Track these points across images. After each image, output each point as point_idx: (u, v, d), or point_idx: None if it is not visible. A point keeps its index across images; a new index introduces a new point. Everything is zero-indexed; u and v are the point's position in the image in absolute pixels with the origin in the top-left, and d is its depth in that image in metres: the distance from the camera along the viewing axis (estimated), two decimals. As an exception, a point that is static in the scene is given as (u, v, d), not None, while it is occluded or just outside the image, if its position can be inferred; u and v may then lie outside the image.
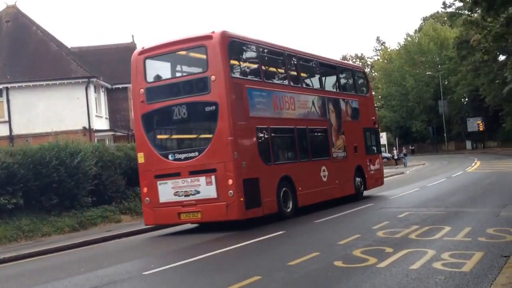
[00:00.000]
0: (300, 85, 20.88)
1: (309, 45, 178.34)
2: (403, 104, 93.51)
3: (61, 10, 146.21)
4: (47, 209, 21.14)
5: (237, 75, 17.66)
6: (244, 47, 18.94)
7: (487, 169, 38.54)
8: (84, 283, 10.87)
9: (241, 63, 18.89)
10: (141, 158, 17.54)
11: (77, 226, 21.29)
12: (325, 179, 20.90)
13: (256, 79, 18.53)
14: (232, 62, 17.37)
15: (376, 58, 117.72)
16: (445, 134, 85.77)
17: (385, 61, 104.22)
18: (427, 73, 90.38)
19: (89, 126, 35.35)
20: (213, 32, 16.76)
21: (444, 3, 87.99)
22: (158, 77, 18.15)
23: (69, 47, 42.18)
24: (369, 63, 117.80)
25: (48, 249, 16.79)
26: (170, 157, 17.11)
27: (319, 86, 22.77)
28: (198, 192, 16.39)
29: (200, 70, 17.79)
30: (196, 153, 16.69)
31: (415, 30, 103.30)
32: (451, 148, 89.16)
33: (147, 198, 17.28)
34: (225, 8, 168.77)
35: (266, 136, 17.90)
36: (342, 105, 23.21)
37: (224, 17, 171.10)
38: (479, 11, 30.04)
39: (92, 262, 13.60)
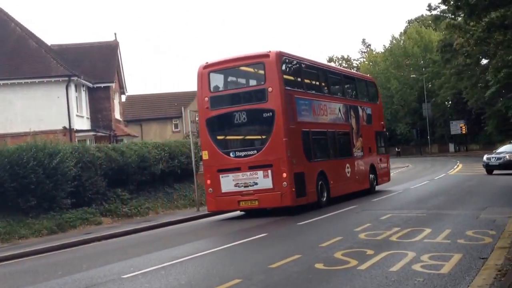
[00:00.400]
0: (330, 95, 25.22)
1: (296, 46, 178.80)
2: (388, 107, 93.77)
3: (41, 6, 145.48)
4: (24, 211, 20.94)
5: (288, 86, 20.74)
6: (292, 64, 22.63)
7: (469, 171, 38.98)
8: (61, 287, 10.86)
9: (290, 76, 22.33)
10: (205, 155, 20.98)
11: (56, 229, 21.07)
12: (348, 175, 24.79)
13: (300, 89, 22.20)
14: (284, 76, 20.84)
15: (361, 60, 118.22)
16: (428, 137, 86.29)
17: (371, 63, 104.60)
18: (412, 76, 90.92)
19: (70, 126, 35.02)
20: (270, 51, 20.43)
21: (429, 5, 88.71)
22: (220, 88, 21.76)
23: (49, 44, 41.84)
24: (355, 65, 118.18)
25: (25, 252, 16.70)
26: (231, 154, 20.55)
27: (343, 95, 26.76)
28: (256, 184, 19.90)
29: (257, 82, 21.62)
30: (255, 151, 20.26)
31: (401, 33, 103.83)
32: (434, 150, 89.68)
33: (210, 189, 20.66)
34: (210, 6, 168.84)
35: (308, 137, 21.68)
36: (360, 112, 27.23)
37: (210, 15, 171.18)
38: (462, 15, 30.32)
39: (70, 266, 13.55)
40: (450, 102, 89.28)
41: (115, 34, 43.66)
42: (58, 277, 11.86)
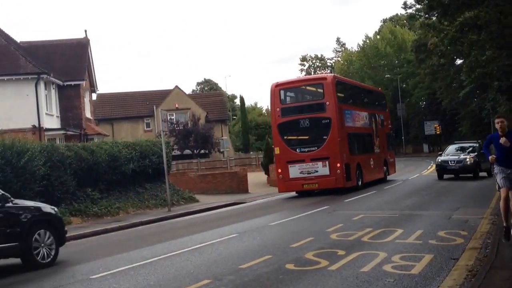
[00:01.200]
0: (361, 106, 32.99)
1: (269, 44, 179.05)
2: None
3: (9, 2, 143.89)
4: (-9, 211, 20.69)
5: (339, 101, 27.90)
6: (341, 84, 30.52)
7: (443, 172, 39.28)
8: None
9: (340, 93, 28.88)
10: (277, 150, 28.21)
11: (24, 229, 20.82)
12: (372, 166, 31.96)
13: (346, 103, 29.71)
14: (337, 93, 27.92)
15: (336, 59, 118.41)
16: (403, 137, 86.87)
17: (346, 62, 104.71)
18: (386, 76, 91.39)
19: (39, 124, 34.77)
20: (327, 75, 31.02)
21: (405, 3, 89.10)
22: (288, 101, 29.30)
23: (18, 41, 41.48)
24: (329, 64, 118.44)
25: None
26: (297, 150, 27.85)
27: (368, 106, 34.29)
28: (316, 171, 27.08)
29: (317, 97, 28.41)
30: (315, 148, 27.44)
31: (375, 32, 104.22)
32: (408, 151, 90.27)
33: (280, 176, 27.93)
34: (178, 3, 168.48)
35: (350, 138, 28.81)
36: (377, 118, 34.87)
37: (176, 13, 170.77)
38: (436, 14, 30.59)
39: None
40: (424, 103, 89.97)
41: (85, 31, 43.32)
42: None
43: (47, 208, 14.03)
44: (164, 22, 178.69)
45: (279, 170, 27.95)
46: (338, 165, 26.78)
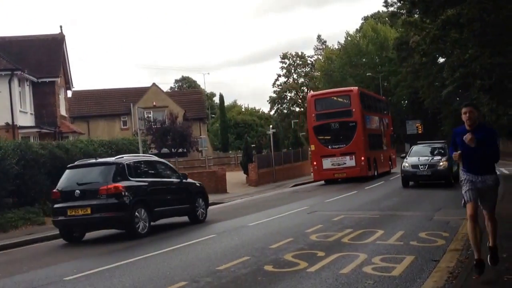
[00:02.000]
0: (375, 111, 41.06)
1: (249, 43, 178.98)
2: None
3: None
4: (-37, 210, 20.51)
5: (362, 108, 35.90)
6: (363, 95, 38.24)
7: (424, 172, 39.58)
8: (-2, 290, 10.68)
9: (362, 102, 36.58)
10: (313, 147, 37.08)
11: (-3, 229, 20.63)
12: (382, 161, 40.17)
13: (366, 110, 37.32)
14: (361, 102, 36.04)
15: (316, 57, 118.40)
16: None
17: (328, 60, 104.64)
18: (367, 74, 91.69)
19: (12, 122, 34.49)
20: (353, 88, 38.89)
21: (386, 1, 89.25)
22: (322, 108, 36.54)
23: (-8, 37, 41.10)
24: (309, 62, 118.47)
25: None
26: (329, 147, 36.12)
27: (378, 111, 42.59)
28: (344, 164, 35.18)
29: (345, 106, 36.27)
30: (344, 145, 35.51)
31: (356, 30, 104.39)
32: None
33: (315, 167, 36.40)
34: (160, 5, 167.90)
35: (369, 137, 36.80)
36: (384, 121, 43.36)
37: (155, 9, 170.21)
38: (418, 12, 30.77)
39: (10, 267, 13.27)
40: (406, 101, 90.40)
41: (60, 26, 42.83)
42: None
43: (201, 184, 20.81)
44: (143, 18, 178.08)
45: (315, 163, 36.58)
46: (362, 158, 34.87)
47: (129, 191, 16.22)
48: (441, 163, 27.73)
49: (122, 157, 18.06)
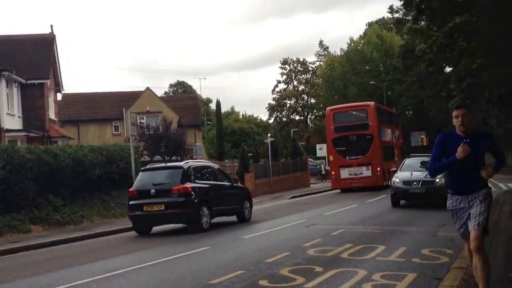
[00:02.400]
0: (389, 124, 45.03)
1: (248, 48, 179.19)
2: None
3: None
4: None
5: (378, 122, 40.03)
6: (378, 109, 41.95)
7: (429, 186, 39.64)
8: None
9: (378, 116, 40.61)
10: (331, 158, 41.22)
11: (-20, 236, 20.59)
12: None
13: (382, 123, 41.29)
14: (377, 116, 40.10)
15: (318, 63, 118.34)
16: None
17: (330, 67, 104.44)
18: (371, 82, 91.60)
19: (-1, 125, 34.45)
20: (370, 103, 42.81)
21: (391, 8, 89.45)
22: (340, 121, 40.57)
23: (-22, 36, 41.05)
24: (311, 68, 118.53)
25: None
26: (347, 157, 40.01)
27: (392, 124, 46.46)
28: (361, 174, 39.25)
29: (362, 119, 40.16)
30: (361, 156, 39.53)
31: (360, 36, 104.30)
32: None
33: (333, 176, 40.64)
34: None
35: (384, 149, 40.73)
36: (395, 133, 46.89)
37: (151, 14, 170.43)
38: (424, 19, 30.75)
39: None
40: (411, 112, 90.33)
41: (51, 26, 42.81)
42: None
43: (247, 188, 25.75)
44: (137, 20, 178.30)
45: (333, 172, 40.86)
46: (378, 169, 39.04)
47: (195, 191, 19.58)
48: (437, 180, 23.98)
49: (187, 162, 22.13)
